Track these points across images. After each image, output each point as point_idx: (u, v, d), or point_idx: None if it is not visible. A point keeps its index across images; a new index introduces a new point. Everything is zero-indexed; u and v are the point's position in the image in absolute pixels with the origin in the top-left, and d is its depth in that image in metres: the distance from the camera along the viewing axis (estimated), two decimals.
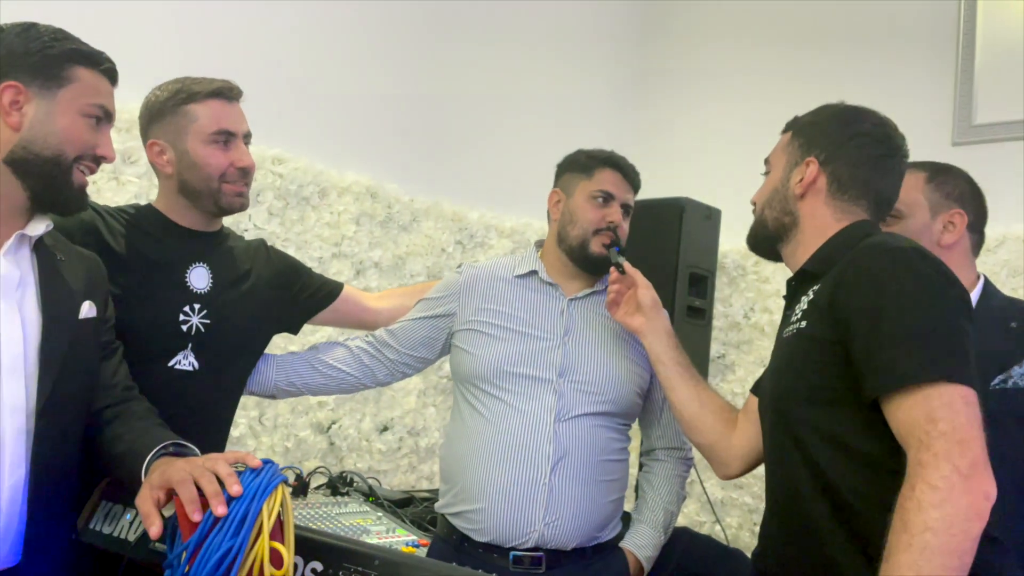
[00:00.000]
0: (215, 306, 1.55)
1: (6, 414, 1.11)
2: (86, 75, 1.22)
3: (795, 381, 1.25)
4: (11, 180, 1.18)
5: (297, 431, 2.59)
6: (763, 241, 1.44)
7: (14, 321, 1.15)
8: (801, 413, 1.23)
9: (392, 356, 1.77)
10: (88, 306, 1.27)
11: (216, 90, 1.55)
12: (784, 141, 1.43)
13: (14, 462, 1.12)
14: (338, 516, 2.11)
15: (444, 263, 3.04)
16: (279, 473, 1.07)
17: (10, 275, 1.17)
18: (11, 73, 1.17)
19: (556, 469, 1.59)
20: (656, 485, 1.76)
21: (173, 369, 1.50)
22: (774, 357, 1.37)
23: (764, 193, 1.43)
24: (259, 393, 1.75)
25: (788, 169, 1.38)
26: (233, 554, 0.99)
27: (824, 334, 1.20)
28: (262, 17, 2.63)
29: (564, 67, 3.55)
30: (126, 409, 1.29)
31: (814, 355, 1.22)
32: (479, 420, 1.66)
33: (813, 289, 1.28)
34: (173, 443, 1.17)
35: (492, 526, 1.59)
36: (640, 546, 1.70)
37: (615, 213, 1.71)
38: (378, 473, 2.74)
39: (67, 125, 1.19)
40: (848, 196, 1.34)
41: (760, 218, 1.43)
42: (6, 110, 1.16)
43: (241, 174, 1.55)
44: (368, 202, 2.82)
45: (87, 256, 1.35)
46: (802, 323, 1.25)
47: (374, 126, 2.91)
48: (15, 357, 1.14)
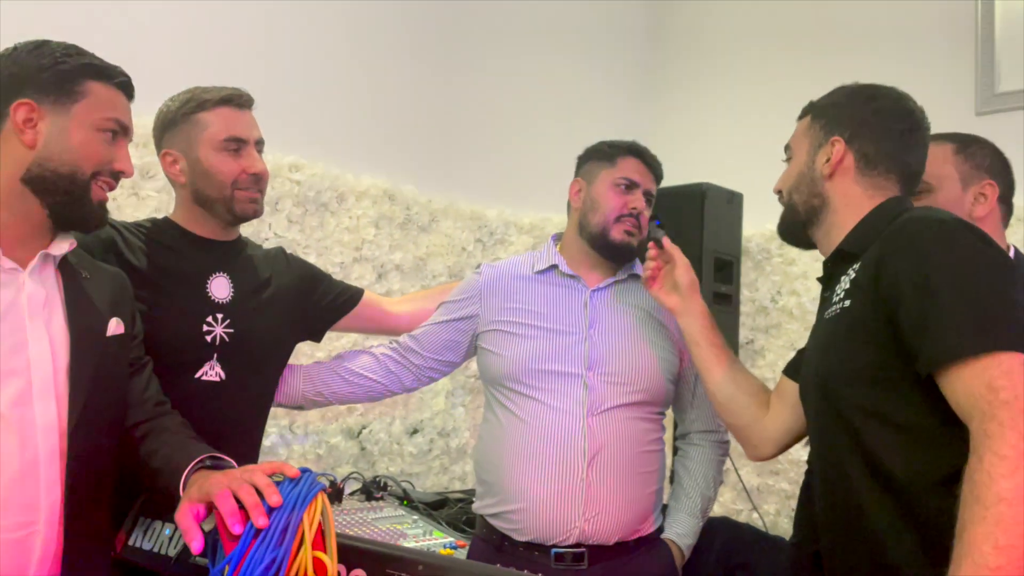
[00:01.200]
0: (238, 315, 1.54)
1: (40, 435, 1.11)
2: (100, 89, 1.20)
3: (840, 361, 1.23)
4: (30, 199, 1.17)
5: (328, 438, 2.58)
6: (795, 227, 1.42)
7: (42, 341, 1.14)
8: (847, 393, 1.21)
9: (417, 362, 1.77)
10: (115, 323, 1.26)
11: (225, 97, 1.54)
12: (804, 125, 1.42)
13: (50, 482, 1.11)
14: (374, 521, 2.10)
15: (465, 262, 3.02)
16: (317, 481, 1.06)
17: (36, 295, 1.16)
18: (24, 91, 1.16)
19: (593, 464, 1.57)
20: (692, 471, 1.74)
21: (200, 381, 1.49)
22: (815, 338, 1.35)
23: (789, 179, 1.41)
24: (287, 405, 1.75)
25: (812, 152, 1.37)
26: (277, 565, 0.98)
27: (868, 312, 1.18)
28: (272, 25, 2.62)
29: (577, 59, 3.52)
30: (159, 424, 1.28)
31: (859, 334, 1.20)
32: (512, 420, 1.64)
33: (853, 268, 1.26)
34: (209, 456, 1.16)
35: (532, 525, 1.58)
36: (681, 535, 1.69)
37: (638, 200, 1.70)
38: (410, 476, 2.74)
39: (82, 140, 1.18)
40: (877, 172, 1.33)
41: (789, 204, 1.41)
42: (20, 128, 1.15)
43: (253, 180, 1.54)
44: (386, 205, 2.81)
45: (112, 272, 1.35)
46: (845, 303, 1.23)
47: (388, 129, 2.90)
48: (45, 378, 1.13)
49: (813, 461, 1.34)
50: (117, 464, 1.25)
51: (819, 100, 1.42)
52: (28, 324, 1.13)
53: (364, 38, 2.87)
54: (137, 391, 1.30)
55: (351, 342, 2.60)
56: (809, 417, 1.35)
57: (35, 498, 1.10)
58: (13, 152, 1.16)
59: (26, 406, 1.10)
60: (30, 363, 1.12)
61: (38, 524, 1.09)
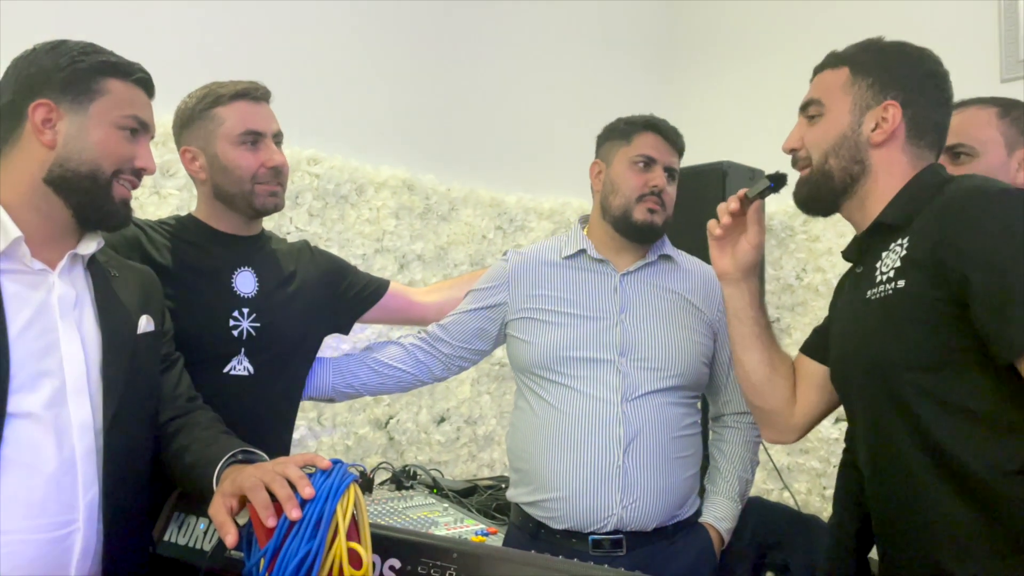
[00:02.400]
0: (264, 309, 1.54)
1: (76, 434, 1.12)
2: (118, 87, 1.19)
3: (897, 345, 1.13)
4: (53, 199, 1.17)
5: (356, 428, 2.60)
6: (827, 195, 1.28)
7: (74, 341, 1.15)
8: (907, 378, 1.12)
9: (446, 351, 1.75)
10: (145, 320, 1.27)
11: (241, 91, 1.53)
12: (840, 80, 1.27)
13: (87, 480, 1.12)
14: (405, 510, 2.11)
15: (486, 250, 3.02)
16: (349, 472, 1.06)
17: (66, 295, 1.16)
18: (42, 91, 1.15)
19: (629, 450, 1.56)
20: (728, 454, 1.72)
21: (229, 375, 1.50)
22: (857, 320, 1.24)
23: (826, 139, 1.26)
24: (317, 397, 1.75)
25: (858, 113, 1.24)
26: (312, 557, 0.98)
27: (930, 292, 1.09)
28: (290, 19, 2.62)
29: (594, 42, 3.49)
30: (191, 420, 1.29)
31: (920, 315, 1.10)
32: (545, 407, 1.63)
33: (901, 243, 1.16)
34: (241, 450, 1.17)
35: (569, 513, 1.57)
36: (719, 519, 1.67)
37: (658, 177, 1.64)
38: (439, 464, 2.75)
39: (101, 138, 1.17)
40: (924, 142, 1.24)
41: (824, 169, 1.27)
42: (39, 128, 1.15)
43: (273, 173, 1.53)
44: (406, 195, 2.81)
45: (140, 270, 1.35)
46: (897, 282, 1.14)
47: (406, 119, 2.89)
48: (79, 377, 1.14)
49: (859, 449, 1.27)
50: (152, 460, 1.26)
51: (855, 53, 1.28)
52: (60, 324, 1.14)
53: (380, 30, 2.86)
54: (169, 387, 1.31)
55: (376, 333, 2.60)
56: (853, 405, 1.26)
57: (74, 497, 1.11)
58: (34, 153, 1.16)
59: (61, 406, 1.11)
60: (63, 363, 1.12)
61: (78, 522, 1.11)
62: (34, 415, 1.08)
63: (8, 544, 1.03)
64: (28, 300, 1.12)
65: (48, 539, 1.07)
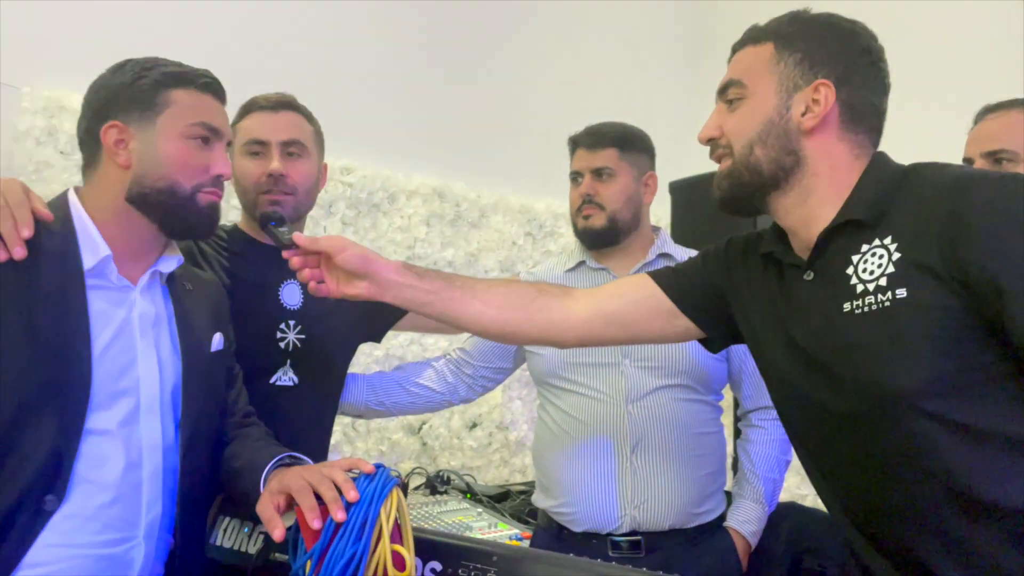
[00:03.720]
0: (308, 321, 1.57)
1: (146, 453, 1.14)
2: (182, 96, 1.18)
3: (911, 365, 0.94)
4: (137, 217, 1.17)
5: (390, 434, 2.63)
6: (753, 190, 1.10)
7: (151, 360, 1.17)
8: (927, 404, 0.93)
9: (470, 372, 1.82)
10: (218, 338, 1.29)
11: (247, 104, 1.55)
12: (763, 56, 1.09)
13: (151, 499, 1.15)
14: (440, 515, 2.13)
15: (516, 256, 3.04)
16: (392, 476, 1.08)
17: (147, 313, 1.18)
18: (111, 113, 1.16)
19: (637, 450, 1.58)
20: (752, 454, 1.71)
21: (275, 386, 1.52)
22: (834, 338, 1.02)
23: (750, 126, 1.08)
24: (349, 412, 1.80)
25: (785, 95, 1.06)
26: (358, 559, 1.00)
27: (947, 301, 0.92)
28: (319, 30, 2.66)
29: (622, 47, 3.49)
30: (243, 433, 1.31)
31: (935, 329, 0.93)
32: (558, 414, 1.67)
33: (883, 245, 0.99)
34: (288, 455, 1.19)
35: (585, 516, 1.59)
36: (743, 522, 1.67)
37: (584, 186, 1.70)
38: (472, 469, 2.77)
39: (171, 152, 1.16)
40: (862, 128, 1.06)
41: (748, 160, 1.08)
42: (113, 151, 1.16)
43: (271, 181, 1.50)
44: (436, 202, 2.84)
45: (210, 282, 1.37)
46: (898, 291, 0.95)
47: (436, 127, 2.92)
48: (152, 396, 1.16)
49: (831, 487, 1.08)
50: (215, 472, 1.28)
51: (779, 26, 1.10)
52: (139, 343, 1.16)
53: (410, 40, 2.90)
54: (229, 402, 1.33)
55: (408, 339, 2.64)
56: (825, 441, 1.07)
57: (136, 515, 1.13)
58: (113, 174, 1.17)
59: (133, 425, 1.13)
60: (139, 382, 1.14)
61: (139, 538, 1.13)
62: (109, 433, 1.10)
63: (72, 557, 1.06)
64: (112, 317, 1.14)
65: (109, 554, 1.10)
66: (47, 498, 1.04)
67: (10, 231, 1.04)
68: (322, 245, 1.21)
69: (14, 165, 2.12)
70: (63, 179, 2.13)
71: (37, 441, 1.03)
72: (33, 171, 2.12)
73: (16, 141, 2.13)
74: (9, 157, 2.13)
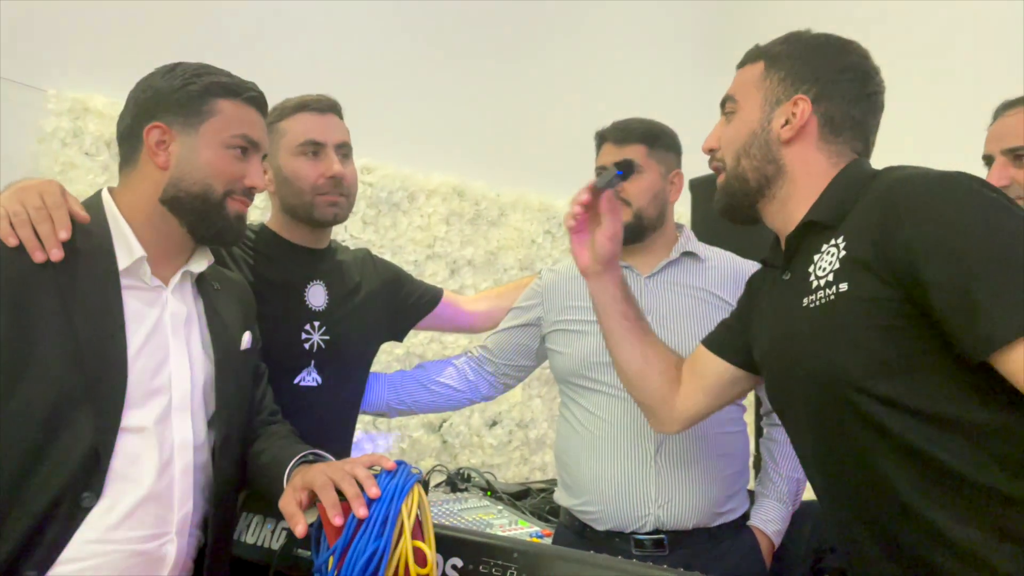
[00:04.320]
0: (333, 322, 1.58)
1: (177, 450, 1.16)
2: (228, 107, 1.20)
3: (850, 354, 1.01)
4: (169, 218, 1.20)
5: (410, 432, 2.64)
6: (743, 199, 1.19)
7: (182, 359, 1.19)
8: (873, 390, 0.99)
9: (491, 369, 1.82)
10: (247, 337, 1.31)
11: (302, 103, 1.56)
12: (754, 74, 1.19)
13: (183, 496, 1.16)
14: (460, 512, 2.14)
15: (535, 254, 3.04)
16: (413, 473, 1.09)
17: (178, 313, 1.20)
18: (156, 114, 1.18)
19: (661, 450, 1.58)
20: (776, 454, 1.71)
21: (299, 386, 1.53)
22: (794, 331, 1.11)
23: (737, 138, 1.18)
24: (371, 412, 1.81)
25: (768, 109, 1.16)
26: (379, 555, 1.01)
27: (881, 292, 0.98)
28: (339, 29, 2.68)
29: (642, 44, 3.49)
30: (268, 430, 1.32)
31: (874, 319, 0.99)
32: (582, 413, 1.66)
33: (836, 243, 1.06)
34: (312, 452, 1.20)
35: (608, 515, 1.59)
36: (767, 521, 1.66)
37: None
38: (492, 467, 2.77)
39: (211, 159, 1.19)
40: (841, 139, 1.14)
41: (736, 171, 1.18)
42: (153, 151, 1.18)
43: (333, 183, 1.52)
44: (456, 201, 2.85)
45: (237, 282, 1.39)
46: (840, 285, 1.02)
47: (456, 126, 2.93)
48: (184, 395, 1.18)
49: (809, 466, 1.15)
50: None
51: (772, 46, 1.20)
52: (171, 342, 1.18)
53: (430, 40, 2.91)
54: (256, 400, 1.35)
55: (428, 337, 2.65)
56: (799, 423, 1.14)
57: (169, 512, 1.15)
58: (150, 175, 1.19)
59: (166, 423, 1.15)
60: (171, 380, 1.16)
61: (171, 535, 1.15)
62: (145, 430, 1.12)
63: (107, 553, 1.08)
64: (145, 317, 1.16)
65: (143, 550, 1.11)
66: (84, 495, 1.06)
67: (48, 233, 1.07)
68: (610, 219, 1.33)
69: (40, 166, 2.15)
70: (88, 180, 2.16)
71: (75, 439, 1.05)
72: (59, 172, 2.16)
73: (42, 143, 2.16)
74: (35, 159, 2.16)
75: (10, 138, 2.13)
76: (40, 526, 1.03)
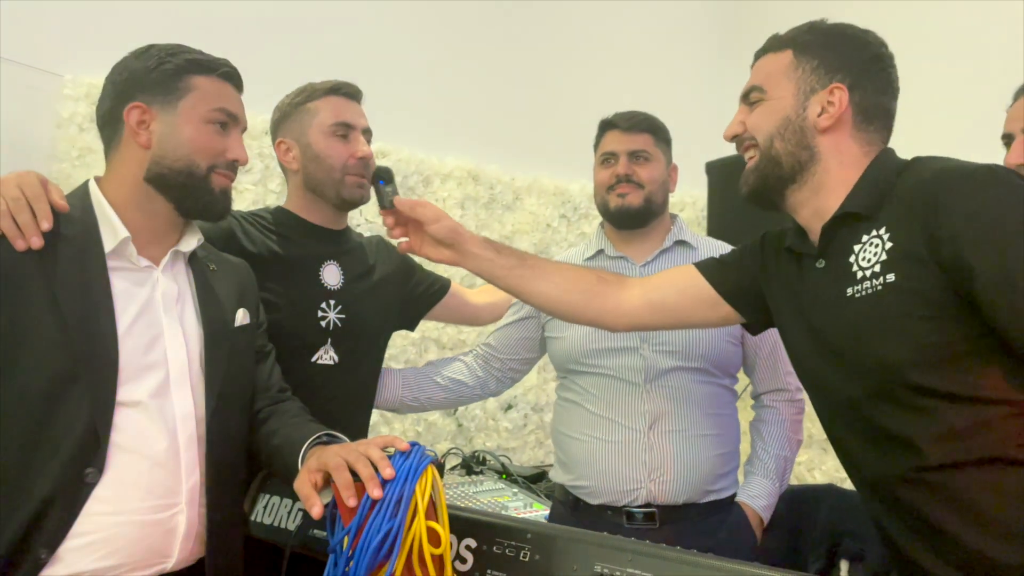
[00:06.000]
0: (348, 301, 1.60)
1: (179, 423, 1.18)
2: (204, 83, 1.23)
3: (902, 344, 1.03)
4: (155, 196, 1.22)
5: (426, 415, 2.65)
6: (775, 182, 1.19)
7: (176, 335, 1.21)
8: (920, 378, 1.02)
9: (497, 364, 1.86)
10: (242, 314, 1.32)
11: (334, 87, 1.61)
12: (783, 63, 1.20)
13: (189, 466, 1.18)
14: (476, 495, 2.15)
15: (550, 239, 3.03)
16: (427, 455, 1.09)
17: (169, 291, 1.22)
18: (135, 95, 1.21)
19: (655, 427, 1.62)
20: (764, 434, 1.74)
21: (316, 364, 1.56)
22: (838, 320, 1.12)
23: (770, 123, 1.19)
24: (384, 408, 1.84)
25: (803, 97, 1.17)
26: (394, 535, 1.01)
27: (928, 283, 1.01)
28: (354, 13, 2.67)
29: (656, 29, 3.46)
30: (281, 408, 1.34)
31: (922, 310, 1.02)
32: (579, 394, 1.70)
33: (878, 235, 1.08)
34: (326, 433, 1.21)
35: (602, 489, 1.63)
36: (753, 496, 1.69)
37: (621, 167, 1.72)
38: (507, 451, 2.78)
39: (191, 134, 1.21)
40: (872, 128, 1.17)
41: (770, 154, 1.18)
42: (134, 130, 1.21)
43: (362, 164, 1.58)
44: (471, 185, 2.84)
45: (236, 263, 1.40)
46: (888, 276, 1.05)
47: (469, 110, 2.92)
48: (181, 369, 1.20)
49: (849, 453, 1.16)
50: (246, 447, 1.32)
51: (797, 35, 1.21)
52: (164, 319, 1.20)
53: (444, 23, 2.90)
54: (262, 378, 1.36)
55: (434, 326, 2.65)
56: (839, 409, 1.15)
57: (177, 481, 1.17)
58: (133, 154, 1.22)
59: (165, 396, 1.17)
60: (167, 355, 1.18)
61: (181, 504, 1.17)
62: (141, 404, 1.14)
63: (117, 524, 1.10)
64: (135, 296, 1.18)
65: (154, 520, 1.13)
66: (87, 471, 1.08)
67: (27, 222, 1.10)
68: (419, 213, 1.36)
69: (58, 151, 2.17)
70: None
71: (73, 417, 1.08)
72: (76, 157, 2.17)
73: (59, 128, 2.18)
74: (53, 144, 2.18)
75: (28, 123, 2.15)
76: (47, 505, 1.05)
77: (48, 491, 1.05)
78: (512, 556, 1.10)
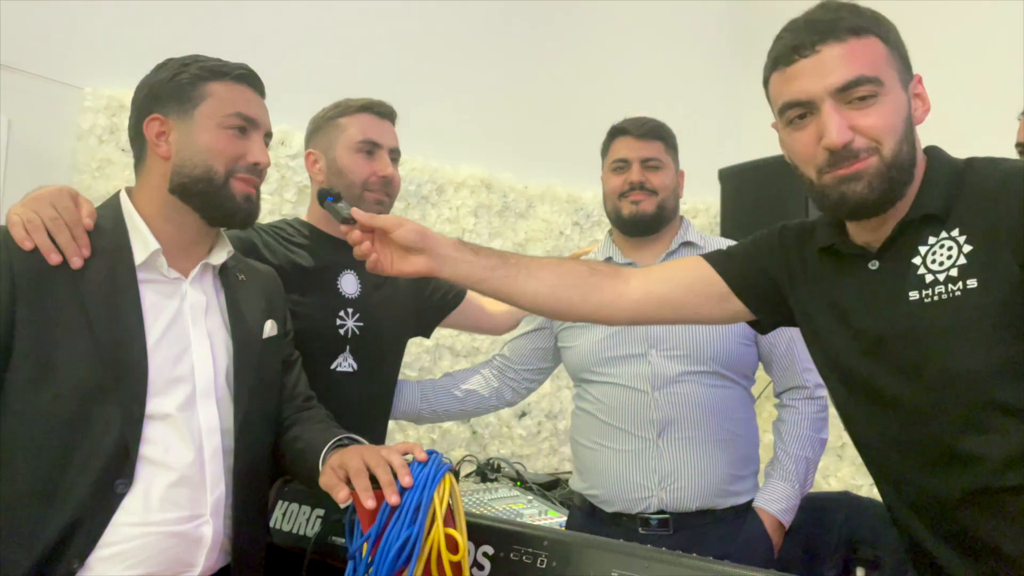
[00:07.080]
0: (365, 309, 1.62)
1: (205, 435, 1.19)
2: (218, 88, 1.23)
3: (982, 353, 0.97)
4: (181, 207, 1.23)
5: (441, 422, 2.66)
6: (902, 189, 1.05)
7: (204, 347, 1.22)
8: (998, 393, 0.96)
9: (512, 375, 1.89)
10: (270, 325, 1.33)
11: (366, 105, 1.64)
12: (880, 50, 1.04)
13: (214, 479, 1.19)
14: (490, 502, 2.16)
15: (563, 246, 3.04)
16: (445, 462, 1.10)
17: (198, 303, 1.23)
18: (153, 108, 1.22)
19: (664, 434, 1.62)
20: (784, 434, 1.71)
21: (336, 372, 1.58)
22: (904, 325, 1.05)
23: (896, 123, 1.03)
24: (402, 419, 1.86)
25: (904, 89, 1.05)
26: (412, 542, 1.02)
27: (1016, 291, 0.95)
28: (370, 23, 2.70)
29: (668, 36, 3.47)
30: (305, 415, 1.35)
31: (1004, 318, 0.96)
32: (590, 403, 1.72)
33: (952, 237, 1.01)
34: (346, 436, 1.22)
35: (613, 497, 1.64)
36: (771, 500, 1.65)
37: (634, 173, 1.72)
38: (521, 458, 2.79)
39: (208, 140, 1.21)
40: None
41: (897, 159, 1.03)
42: (154, 143, 1.22)
43: (383, 183, 1.61)
44: (484, 193, 2.86)
45: (265, 272, 1.41)
46: (968, 281, 0.98)
47: (482, 118, 2.94)
48: (207, 381, 1.20)
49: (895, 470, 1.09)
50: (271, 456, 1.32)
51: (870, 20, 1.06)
52: (192, 331, 1.21)
53: (458, 33, 2.92)
54: (289, 387, 1.37)
55: (449, 333, 2.66)
56: (889, 419, 1.08)
57: (202, 493, 1.17)
58: (157, 167, 1.23)
59: (191, 409, 1.18)
60: (194, 368, 1.19)
61: (206, 516, 1.17)
62: (169, 417, 1.15)
63: (145, 535, 1.11)
64: (164, 309, 1.19)
65: (180, 531, 1.14)
66: (118, 482, 1.09)
67: (68, 242, 1.11)
68: (379, 222, 1.23)
69: (78, 163, 2.20)
70: (125, 176, 2.20)
71: (104, 430, 1.09)
72: (96, 168, 2.20)
73: (79, 139, 2.21)
74: (73, 155, 2.21)
75: (49, 135, 2.18)
76: (78, 516, 1.07)
77: (79, 503, 1.07)
78: (529, 563, 1.11)
